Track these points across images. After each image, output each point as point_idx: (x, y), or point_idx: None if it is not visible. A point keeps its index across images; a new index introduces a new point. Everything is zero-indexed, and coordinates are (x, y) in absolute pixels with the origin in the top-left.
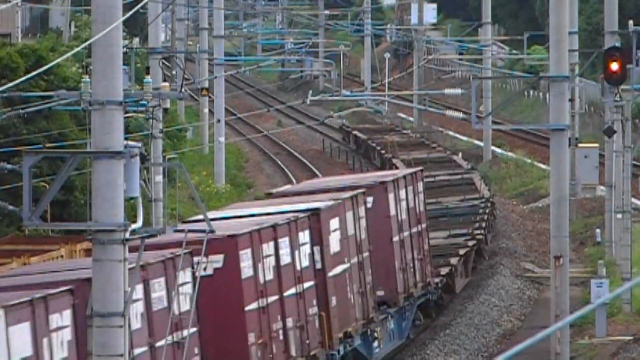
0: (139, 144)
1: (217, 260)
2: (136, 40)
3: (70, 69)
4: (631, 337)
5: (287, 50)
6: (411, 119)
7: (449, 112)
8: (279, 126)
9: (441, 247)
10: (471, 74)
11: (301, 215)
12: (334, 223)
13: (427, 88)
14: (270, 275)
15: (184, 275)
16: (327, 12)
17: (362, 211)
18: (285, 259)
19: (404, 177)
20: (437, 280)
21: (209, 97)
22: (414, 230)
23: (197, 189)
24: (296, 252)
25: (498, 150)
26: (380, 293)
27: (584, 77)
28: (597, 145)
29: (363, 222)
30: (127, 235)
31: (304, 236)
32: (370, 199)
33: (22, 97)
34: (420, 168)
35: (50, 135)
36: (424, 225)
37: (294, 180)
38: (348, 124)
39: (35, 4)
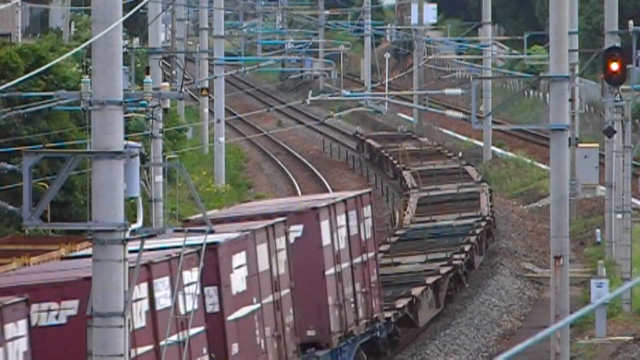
0: (139, 144)
1: (71, 306)
2: (136, 40)
3: (70, 69)
4: (631, 337)
5: (287, 50)
6: (411, 119)
7: (449, 112)
8: (279, 126)
9: (409, 275)
10: (471, 74)
11: (188, 251)
12: (239, 258)
13: (427, 88)
14: (141, 322)
15: (16, 328)
16: (327, 12)
17: (281, 242)
18: (163, 302)
19: (344, 201)
20: (389, 315)
21: (209, 97)
22: (357, 260)
23: (197, 189)
24: (179, 294)
25: (498, 150)
26: (310, 333)
27: (584, 77)
28: (597, 145)
29: (283, 255)
30: (127, 235)
31: (192, 275)
32: (299, 227)
33: (22, 97)
34: (368, 190)
35: (50, 135)
36: (371, 254)
37: (294, 181)
38: (362, 131)
39: (35, 4)
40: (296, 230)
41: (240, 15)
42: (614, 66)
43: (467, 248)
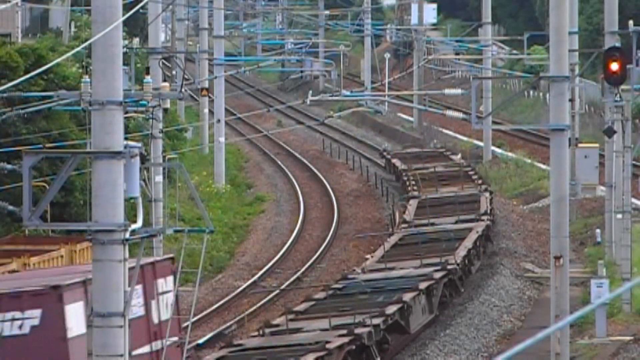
0: (139, 144)
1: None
2: (136, 40)
3: (70, 69)
4: (631, 337)
5: (287, 50)
6: (411, 119)
7: (449, 112)
8: (279, 126)
9: (299, 348)
10: (471, 74)
11: None
12: None
13: (427, 88)
14: None
15: None
16: (327, 12)
17: None
18: None
19: None
20: None
21: (209, 97)
22: (140, 351)
23: (197, 189)
24: None
25: (498, 150)
26: None
27: (584, 77)
28: (597, 145)
29: None
30: (127, 235)
31: None
32: (37, 313)
33: (22, 97)
34: (169, 256)
35: (50, 135)
36: (171, 340)
37: (294, 181)
38: (389, 148)
39: (35, 4)
40: (32, 317)
41: (240, 15)
42: (614, 66)
43: (391, 310)
